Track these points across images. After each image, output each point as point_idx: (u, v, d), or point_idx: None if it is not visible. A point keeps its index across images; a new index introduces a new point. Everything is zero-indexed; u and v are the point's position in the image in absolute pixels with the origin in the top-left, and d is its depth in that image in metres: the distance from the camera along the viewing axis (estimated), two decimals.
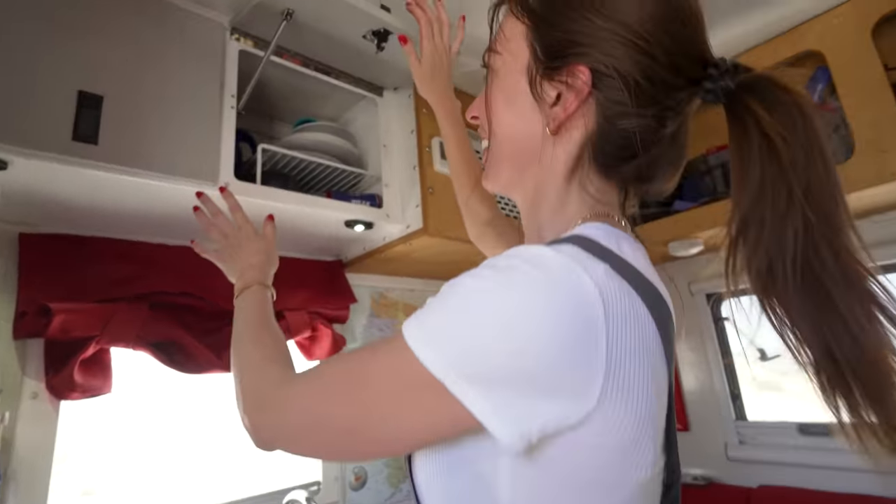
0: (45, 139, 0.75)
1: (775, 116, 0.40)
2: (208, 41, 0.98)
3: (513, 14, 0.51)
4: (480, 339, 0.35)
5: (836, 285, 0.36)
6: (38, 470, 0.92)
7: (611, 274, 0.38)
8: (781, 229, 0.38)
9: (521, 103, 0.49)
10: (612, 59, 0.44)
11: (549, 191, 0.50)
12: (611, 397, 0.35)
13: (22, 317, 0.91)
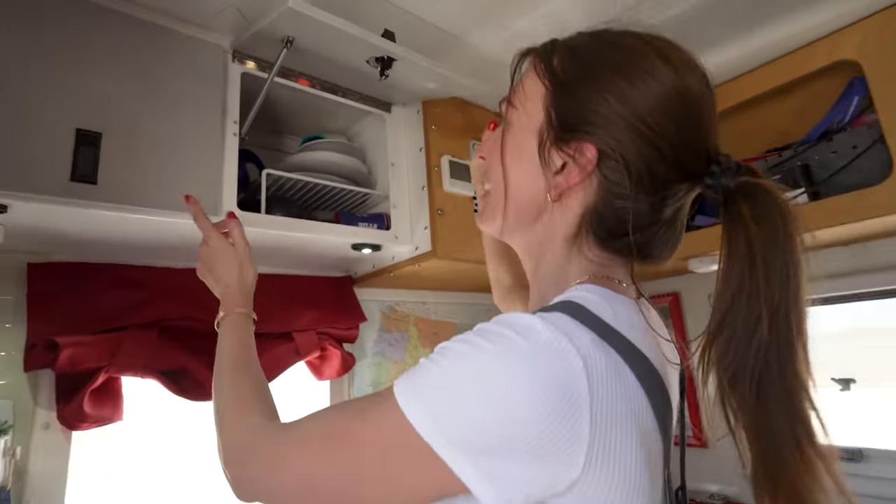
0: (43, 181, 0.73)
1: (763, 234, 0.42)
2: (209, 65, 0.95)
3: (535, 72, 0.51)
4: (469, 409, 0.36)
5: (777, 409, 0.39)
6: (53, 495, 0.93)
7: (598, 343, 0.39)
8: (747, 344, 0.40)
9: (528, 162, 0.51)
10: (619, 145, 0.45)
11: (549, 253, 0.52)
12: (596, 466, 0.36)
13: (31, 349, 0.92)
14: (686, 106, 0.46)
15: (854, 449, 1.33)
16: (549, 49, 0.52)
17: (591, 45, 0.50)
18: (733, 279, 0.43)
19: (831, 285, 1.39)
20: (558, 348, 0.37)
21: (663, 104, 0.45)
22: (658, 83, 0.45)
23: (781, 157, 1.22)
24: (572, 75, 0.49)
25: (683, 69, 0.47)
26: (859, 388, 1.68)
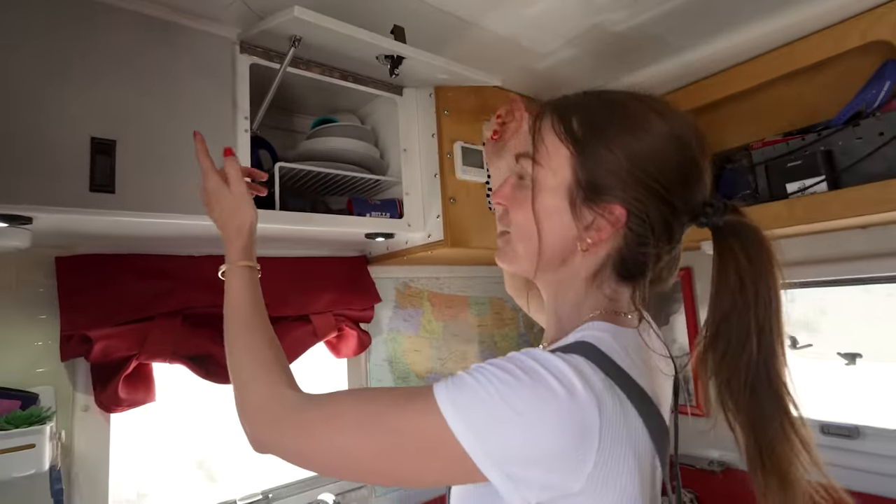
0: (64, 194, 0.75)
1: (753, 265, 0.51)
2: (217, 59, 0.93)
3: (556, 134, 0.57)
4: (505, 431, 0.44)
5: (767, 401, 0.49)
6: (97, 473, 1.02)
7: (609, 386, 0.47)
8: (739, 354, 0.50)
9: (559, 217, 0.57)
10: (643, 206, 0.54)
11: (571, 290, 0.60)
12: (596, 481, 0.45)
13: (67, 341, 0.97)
14: (691, 164, 0.56)
15: (851, 426, 1.38)
16: (565, 111, 0.58)
17: (603, 109, 0.57)
18: (725, 299, 0.52)
19: (845, 268, 1.39)
20: (583, 398, 0.45)
21: (675, 165, 0.54)
22: (662, 140, 0.55)
23: (804, 141, 1.18)
24: (593, 140, 0.55)
25: (679, 124, 0.56)
26: (865, 362, 1.71)
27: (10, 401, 0.93)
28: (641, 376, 0.52)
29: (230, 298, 0.68)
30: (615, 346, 0.51)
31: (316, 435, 0.51)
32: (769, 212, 1.18)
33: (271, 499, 1.23)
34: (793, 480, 0.48)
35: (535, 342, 1.94)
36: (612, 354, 0.50)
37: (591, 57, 1.21)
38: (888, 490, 1.28)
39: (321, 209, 1.22)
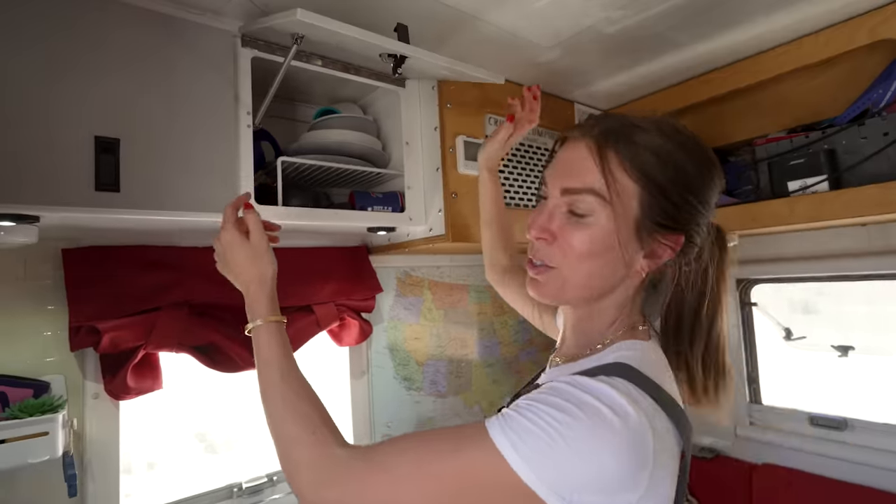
0: (70, 194, 0.76)
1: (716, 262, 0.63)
2: (219, 52, 0.92)
3: (624, 169, 0.56)
4: (569, 466, 0.46)
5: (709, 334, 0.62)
6: (108, 458, 1.06)
7: (655, 407, 0.51)
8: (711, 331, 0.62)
9: (621, 251, 0.57)
10: (698, 230, 0.60)
11: (612, 309, 0.62)
12: (648, 494, 0.48)
13: (76, 332, 0.99)
14: (717, 181, 0.62)
15: (839, 418, 1.41)
16: (631, 146, 0.57)
17: (660, 142, 0.58)
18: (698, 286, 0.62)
19: (844, 264, 1.40)
20: (637, 425, 0.47)
21: (712, 189, 0.61)
22: (704, 165, 0.59)
23: (808, 139, 1.18)
24: (659, 173, 0.57)
25: (708, 148, 0.61)
26: (858, 354, 1.73)
27: (22, 389, 0.96)
28: (668, 384, 0.56)
29: (262, 356, 0.67)
30: (645, 361, 0.55)
31: (375, 491, 0.51)
32: (770, 209, 1.19)
33: (276, 481, 1.28)
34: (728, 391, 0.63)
35: (535, 329, 1.96)
36: (649, 372, 0.54)
37: (594, 50, 1.19)
38: (875, 481, 1.32)
39: (323, 201, 1.22)
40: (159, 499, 1.14)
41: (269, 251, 0.74)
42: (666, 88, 1.43)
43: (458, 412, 1.69)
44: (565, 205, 0.59)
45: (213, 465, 1.32)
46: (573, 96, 1.49)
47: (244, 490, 1.22)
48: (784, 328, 1.73)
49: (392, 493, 0.50)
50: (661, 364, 0.58)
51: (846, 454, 1.38)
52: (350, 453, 0.55)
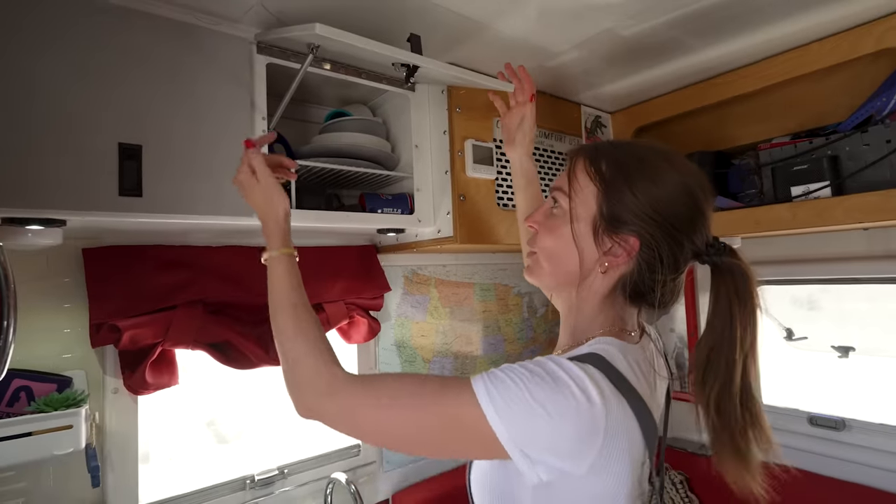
0: (95, 199, 0.79)
1: (741, 301, 0.62)
2: (235, 59, 0.95)
3: (587, 173, 0.67)
4: (530, 420, 0.53)
5: (745, 404, 0.61)
6: (127, 451, 1.10)
7: (614, 392, 0.57)
8: (727, 375, 0.61)
9: (582, 242, 0.67)
10: (654, 240, 0.64)
11: (587, 306, 0.69)
12: (597, 468, 0.55)
13: (97, 330, 1.03)
14: (698, 211, 0.65)
15: (838, 419, 1.44)
16: (596, 155, 0.68)
17: (628, 157, 0.67)
18: (717, 329, 0.63)
19: (845, 267, 1.42)
20: (596, 404, 0.54)
21: (686, 210, 0.64)
22: (675, 188, 0.64)
23: (812, 145, 1.20)
24: (618, 181, 0.65)
25: (690, 177, 0.66)
26: (858, 355, 1.76)
27: (46, 384, 0.99)
28: (639, 383, 0.62)
29: (275, 284, 0.74)
30: (620, 358, 0.61)
31: (365, 410, 0.60)
32: (773, 214, 1.20)
33: (286, 473, 1.32)
34: (756, 460, 0.62)
35: (538, 327, 2.00)
36: (617, 365, 0.60)
37: (604, 55, 1.21)
38: (871, 480, 1.35)
39: (334, 202, 1.25)
40: (176, 489, 1.18)
41: (277, 188, 0.79)
42: (672, 91, 1.45)
43: None
44: (549, 202, 0.72)
45: (225, 455, 1.36)
46: (580, 98, 1.51)
47: (256, 482, 1.26)
48: (785, 328, 1.75)
49: (379, 416, 0.59)
50: (638, 364, 0.63)
51: (844, 454, 1.40)
52: (349, 375, 0.64)
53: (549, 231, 0.70)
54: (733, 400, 0.61)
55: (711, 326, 0.64)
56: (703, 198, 0.66)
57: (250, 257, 1.25)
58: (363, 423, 0.61)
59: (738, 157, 1.44)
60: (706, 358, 0.63)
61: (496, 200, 1.25)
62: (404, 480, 1.55)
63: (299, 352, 0.67)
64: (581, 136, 1.52)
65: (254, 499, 1.26)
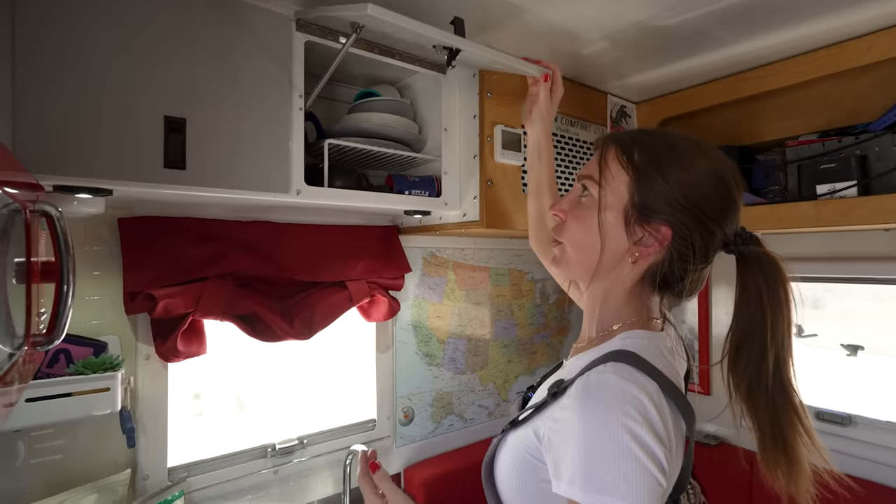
0: (142, 170, 0.81)
1: (770, 289, 0.61)
2: (275, 36, 0.95)
3: (618, 161, 0.66)
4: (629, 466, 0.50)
5: (779, 399, 0.60)
6: (158, 415, 1.14)
7: (657, 391, 0.55)
8: (759, 363, 0.60)
9: (612, 232, 0.66)
10: (686, 230, 0.63)
11: (614, 297, 0.69)
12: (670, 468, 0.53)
13: (132, 298, 1.06)
14: (730, 201, 0.64)
15: (844, 415, 1.47)
16: (628, 143, 0.66)
17: (660, 145, 0.65)
18: (745, 319, 0.62)
19: (865, 267, 1.43)
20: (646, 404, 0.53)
21: (718, 201, 0.63)
22: (707, 176, 0.63)
23: (841, 143, 1.20)
24: (651, 170, 0.64)
25: (722, 165, 0.64)
26: (866, 354, 1.78)
27: (84, 348, 1.03)
28: (672, 373, 0.61)
29: None
30: (654, 352, 0.60)
31: None
32: (797, 211, 1.21)
33: (306, 444, 1.36)
34: (799, 460, 0.59)
35: (550, 314, 2.02)
36: (653, 360, 0.59)
37: (637, 45, 1.20)
38: (875, 475, 1.38)
39: (363, 182, 1.26)
40: (201, 454, 1.22)
41: None
42: (701, 84, 1.44)
43: (473, 388, 1.77)
44: (577, 190, 0.70)
45: (247, 425, 1.41)
46: (607, 88, 1.51)
47: (277, 451, 1.31)
48: (796, 325, 1.77)
49: None
50: (668, 352, 0.63)
51: (849, 449, 1.43)
52: None
53: (578, 220, 0.69)
54: (769, 392, 0.59)
55: (740, 317, 0.63)
56: (734, 186, 0.65)
57: (277, 232, 1.27)
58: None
59: (762, 153, 1.44)
60: (737, 348, 0.62)
61: (521, 187, 1.27)
62: (415, 456, 1.60)
63: None
64: (606, 126, 1.52)
65: (274, 466, 1.31)
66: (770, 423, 0.60)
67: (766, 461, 0.60)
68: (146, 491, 1.10)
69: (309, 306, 1.29)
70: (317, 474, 1.38)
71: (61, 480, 1.00)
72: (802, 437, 0.59)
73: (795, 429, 0.59)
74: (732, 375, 0.63)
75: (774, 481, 0.60)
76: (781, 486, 0.59)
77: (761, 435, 0.60)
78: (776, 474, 0.59)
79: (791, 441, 0.59)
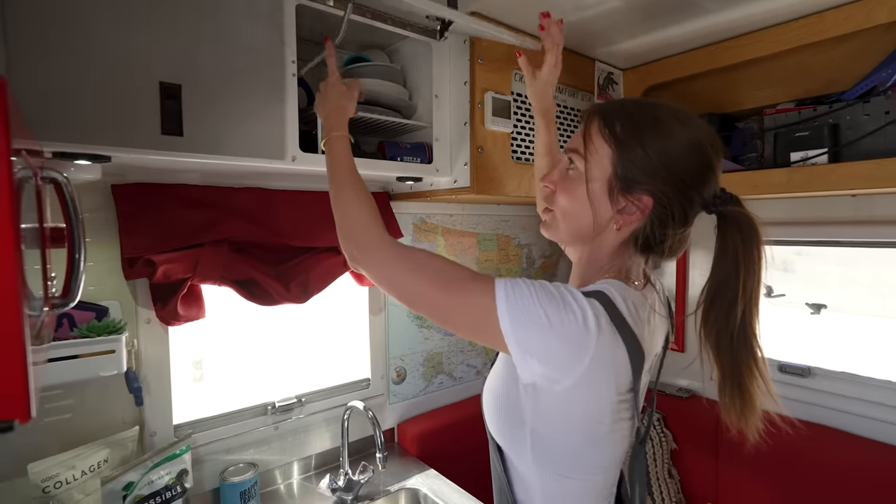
0: (140, 137, 0.82)
1: (745, 247, 0.65)
2: (268, 0, 0.95)
3: (601, 134, 0.70)
4: (533, 327, 0.60)
5: (741, 347, 0.66)
6: (161, 375, 1.18)
7: (612, 330, 0.63)
8: (728, 314, 0.66)
9: (597, 203, 0.71)
10: (668, 198, 0.67)
11: (599, 258, 0.75)
12: (581, 385, 0.62)
13: (131, 264, 1.08)
14: (708, 167, 0.68)
15: (804, 367, 1.59)
16: (610, 116, 0.70)
17: (640, 117, 0.68)
18: (720, 274, 0.67)
19: (830, 231, 1.51)
20: (591, 329, 0.60)
21: (696, 168, 0.67)
22: (685, 145, 0.67)
23: (815, 112, 1.25)
24: (632, 142, 0.67)
25: (699, 132, 0.68)
26: (829, 312, 1.90)
27: (86, 312, 1.05)
28: (635, 324, 0.66)
29: (336, 159, 0.84)
30: (619, 298, 0.66)
31: (403, 273, 0.68)
32: (770, 178, 1.27)
33: (304, 402, 1.42)
34: (752, 401, 0.66)
35: (536, 277, 2.08)
36: (617, 303, 0.65)
37: (625, 11, 1.22)
38: (833, 421, 1.51)
39: (354, 149, 1.28)
40: (205, 411, 1.28)
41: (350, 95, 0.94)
42: (685, 52, 1.47)
43: (462, 349, 1.85)
44: (565, 163, 0.75)
45: (248, 385, 1.46)
46: (594, 54, 1.52)
47: (277, 408, 1.37)
48: (766, 286, 1.87)
49: (414, 282, 0.67)
50: (636, 307, 0.68)
51: (809, 398, 1.56)
52: (396, 241, 0.73)
53: (566, 192, 0.73)
54: (733, 340, 0.65)
55: (716, 272, 0.67)
56: (712, 152, 0.68)
57: (270, 199, 1.29)
58: (399, 283, 0.68)
59: (743, 120, 1.49)
60: (710, 301, 0.67)
61: (511, 153, 1.30)
62: (407, 413, 1.68)
63: (357, 211, 0.76)
64: (593, 93, 1.54)
65: (274, 423, 1.37)
66: (731, 368, 0.66)
67: (724, 400, 0.67)
68: (154, 447, 1.15)
69: (304, 271, 1.32)
70: (315, 430, 1.46)
71: (73, 438, 1.05)
72: (757, 381, 0.66)
73: (752, 374, 0.66)
74: (704, 325, 0.68)
75: (729, 418, 0.67)
76: (734, 422, 0.67)
77: (722, 377, 0.67)
78: (731, 412, 0.67)
79: (747, 384, 0.65)
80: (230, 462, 1.29)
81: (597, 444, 0.68)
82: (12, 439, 1.00)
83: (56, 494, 0.97)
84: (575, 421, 0.66)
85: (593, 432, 0.67)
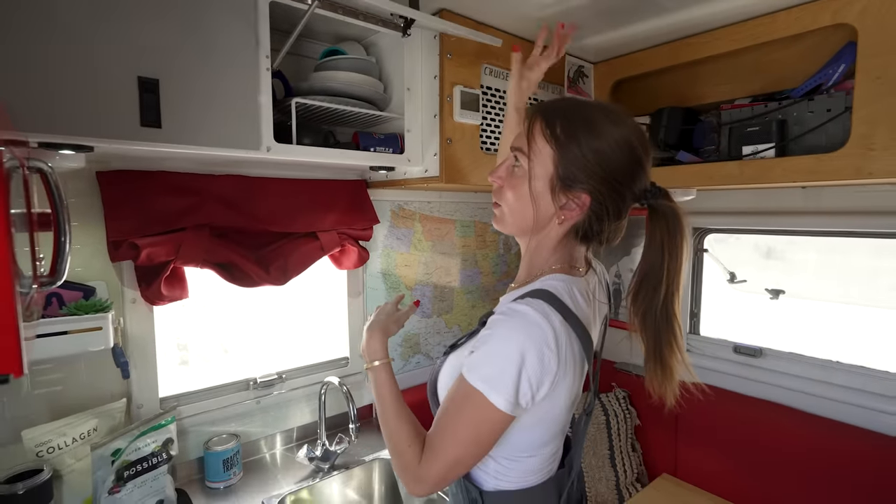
0: (120, 128, 0.88)
1: (671, 236, 0.74)
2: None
3: (543, 135, 0.75)
4: (511, 379, 0.67)
5: (664, 325, 0.75)
6: (147, 352, 1.25)
7: (562, 322, 0.71)
8: (653, 296, 0.75)
9: (541, 200, 0.77)
10: (603, 196, 0.75)
11: (544, 249, 0.82)
12: (557, 386, 0.71)
13: (116, 247, 1.14)
14: (638, 163, 0.75)
15: (756, 347, 1.69)
16: (550, 117, 0.75)
17: (577, 118, 0.74)
18: (649, 260, 0.75)
19: (784, 220, 1.60)
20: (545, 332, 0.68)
21: (627, 166, 0.74)
22: (617, 145, 0.73)
23: (766, 108, 1.32)
24: (570, 143, 0.73)
25: (630, 133, 0.74)
26: (787, 298, 2.00)
27: (74, 292, 1.12)
28: (580, 311, 0.75)
29: (381, 388, 0.88)
30: (565, 294, 0.74)
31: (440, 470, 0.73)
32: (725, 170, 1.35)
33: (285, 378, 1.51)
34: (671, 370, 0.75)
35: (512, 262, 2.17)
36: (563, 299, 0.73)
37: (590, 7, 1.28)
38: (783, 398, 1.62)
39: (330, 139, 1.34)
40: (189, 386, 1.35)
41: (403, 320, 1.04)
42: (651, 48, 1.53)
43: (439, 330, 1.93)
44: (511, 159, 0.80)
45: (230, 362, 1.54)
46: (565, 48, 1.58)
47: (259, 383, 1.45)
48: (729, 272, 1.97)
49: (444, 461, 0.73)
50: (580, 294, 0.77)
51: (760, 377, 1.66)
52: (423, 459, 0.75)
53: (512, 188, 0.79)
54: (656, 318, 0.74)
55: (645, 258, 0.76)
56: (641, 150, 0.74)
57: (250, 186, 1.35)
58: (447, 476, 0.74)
59: (705, 114, 1.56)
60: (639, 283, 0.76)
61: (480, 145, 1.36)
62: None
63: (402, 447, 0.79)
64: (563, 86, 1.60)
65: (256, 397, 1.45)
66: (654, 342, 0.75)
67: (647, 370, 0.76)
68: (140, 418, 1.23)
69: (283, 255, 1.39)
70: (295, 405, 1.54)
71: (64, 408, 1.13)
72: (675, 354, 0.75)
73: (671, 347, 0.75)
74: (633, 305, 0.77)
75: (651, 385, 0.76)
76: (656, 389, 0.76)
77: (647, 350, 0.76)
78: (653, 380, 0.76)
79: (666, 356, 0.75)
80: (214, 433, 1.37)
81: (552, 427, 0.77)
82: (7, 408, 1.08)
83: (49, 459, 1.05)
84: (541, 420, 0.75)
85: (554, 422, 0.76)
